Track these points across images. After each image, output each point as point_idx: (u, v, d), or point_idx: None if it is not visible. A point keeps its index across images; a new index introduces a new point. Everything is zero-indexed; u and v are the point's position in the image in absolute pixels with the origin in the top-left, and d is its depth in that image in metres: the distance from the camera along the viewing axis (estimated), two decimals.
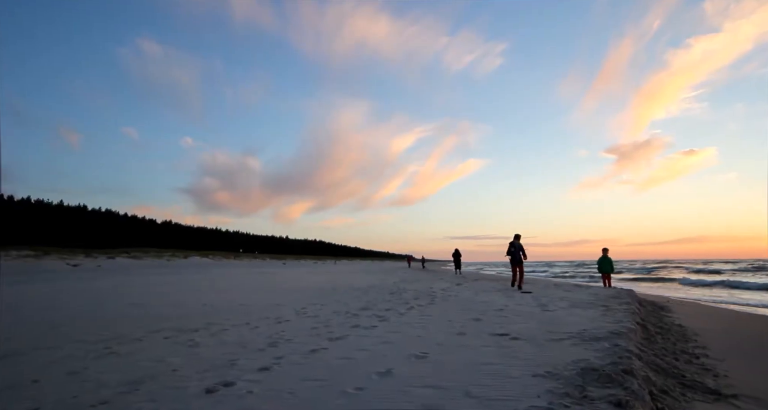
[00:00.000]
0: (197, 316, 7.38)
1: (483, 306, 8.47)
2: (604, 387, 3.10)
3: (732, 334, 7.47)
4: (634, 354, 4.18)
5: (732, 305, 13.62)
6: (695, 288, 22.32)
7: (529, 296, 10.59)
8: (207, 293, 12.25)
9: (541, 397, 2.90)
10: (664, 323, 8.07)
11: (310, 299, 10.23)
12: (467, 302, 9.44)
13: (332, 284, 16.42)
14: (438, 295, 11.16)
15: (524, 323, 6.27)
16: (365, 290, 13.07)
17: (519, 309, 7.93)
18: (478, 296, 10.73)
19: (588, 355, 4.10)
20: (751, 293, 18.08)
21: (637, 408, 2.69)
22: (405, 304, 8.98)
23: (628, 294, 11.12)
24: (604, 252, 15.28)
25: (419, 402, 2.88)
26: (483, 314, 7.31)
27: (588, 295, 10.93)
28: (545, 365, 3.77)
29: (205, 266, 40.27)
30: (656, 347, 5.49)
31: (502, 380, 3.36)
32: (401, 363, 3.98)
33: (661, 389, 3.57)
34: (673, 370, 4.39)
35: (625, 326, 5.79)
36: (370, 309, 8.24)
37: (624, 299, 9.45)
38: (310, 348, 4.69)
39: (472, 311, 7.76)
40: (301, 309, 8.27)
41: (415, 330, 5.77)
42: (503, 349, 4.51)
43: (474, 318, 6.87)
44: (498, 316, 7.03)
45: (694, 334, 7.04)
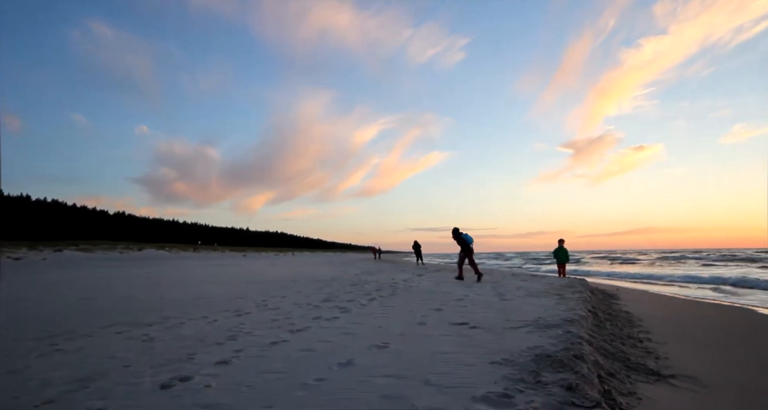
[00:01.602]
0: (152, 310, 7.14)
1: (444, 297, 8.63)
2: (557, 372, 3.24)
3: (672, 319, 7.97)
4: (585, 340, 4.38)
5: (677, 292, 14.50)
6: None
7: (488, 286, 10.88)
8: (163, 287, 11.86)
9: (498, 383, 2.99)
10: (612, 310, 8.49)
11: (271, 292, 10.10)
12: (428, 292, 9.59)
13: (294, 276, 16.27)
14: (400, 286, 11.29)
15: (483, 312, 6.45)
16: (327, 282, 13.03)
17: (478, 299, 8.13)
18: (439, 287, 10.93)
19: (542, 342, 4.26)
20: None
21: (585, 391, 2.82)
22: (367, 295, 9.03)
23: (580, 283, 11.62)
24: (560, 243, 15.86)
25: (379, 392, 2.91)
26: (443, 304, 7.45)
27: (544, 284, 11.34)
28: (502, 352, 3.90)
29: (162, 259, 38.94)
30: (605, 332, 5.77)
31: (461, 367, 3.45)
32: (362, 353, 4.01)
33: (608, 372, 3.76)
34: (620, 354, 4.64)
35: (577, 313, 6.06)
36: (331, 300, 8.23)
37: (577, 288, 9.86)
38: (271, 341, 4.64)
39: (433, 301, 7.90)
40: (262, 302, 8.16)
41: (376, 321, 5.82)
42: (462, 338, 4.62)
43: (435, 308, 6.99)
44: (458, 306, 7.18)
45: (639, 320, 7.45)
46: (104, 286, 12.15)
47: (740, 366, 4.84)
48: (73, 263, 26.95)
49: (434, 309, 6.81)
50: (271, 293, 9.86)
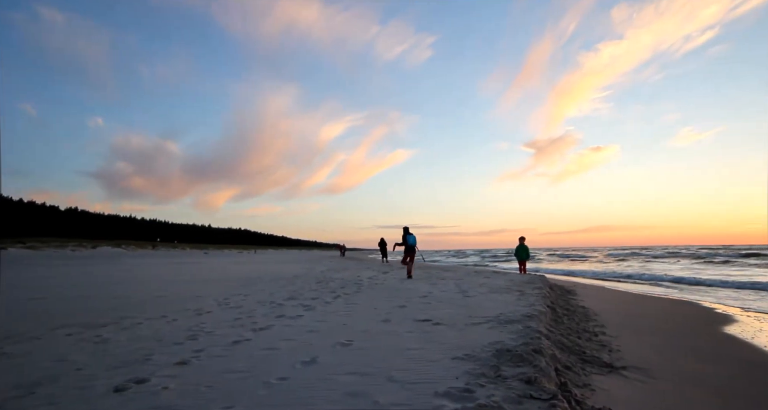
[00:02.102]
0: (107, 310, 6.86)
1: (408, 293, 8.71)
2: (516, 366, 3.33)
3: (625, 313, 8.34)
4: (543, 335, 4.52)
5: (629, 288, 15.19)
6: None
7: (451, 283, 11.05)
8: (119, 286, 11.41)
9: (459, 378, 3.05)
10: (570, 305, 8.80)
11: (234, 290, 9.90)
12: (393, 290, 9.65)
13: (257, 274, 16.00)
14: (365, 283, 11.30)
15: (446, 309, 6.54)
16: (291, 280, 12.89)
17: (442, 296, 8.25)
18: (403, 284, 11.01)
19: (503, 337, 4.37)
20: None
21: (543, 384, 2.92)
22: (332, 293, 8.99)
23: (540, 280, 11.97)
24: (521, 241, 16.28)
25: (343, 389, 2.91)
26: (408, 301, 7.52)
27: (505, 281, 11.63)
28: (464, 348, 3.98)
29: (117, 257, 37.41)
30: (563, 327, 5.98)
31: (424, 364, 3.49)
32: (326, 351, 4.00)
33: (565, 365, 3.90)
34: (576, 347, 4.82)
35: (536, 309, 6.24)
36: (296, 298, 8.15)
37: (537, 285, 10.17)
38: (233, 340, 4.55)
39: (397, 298, 7.95)
40: (224, 300, 7.99)
41: (341, 319, 5.80)
42: (426, 334, 4.68)
43: (399, 305, 7.04)
44: (422, 303, 7.26)
45: (595, 314, 7.76)
46: (55, 286, 11.56)
47: (685, 355, 5.13)
48: (20, 263, 25.49)
49: (398, 306, 6.86)
50: (233, 291, 9.66)
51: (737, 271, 24.02)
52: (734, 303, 10.73)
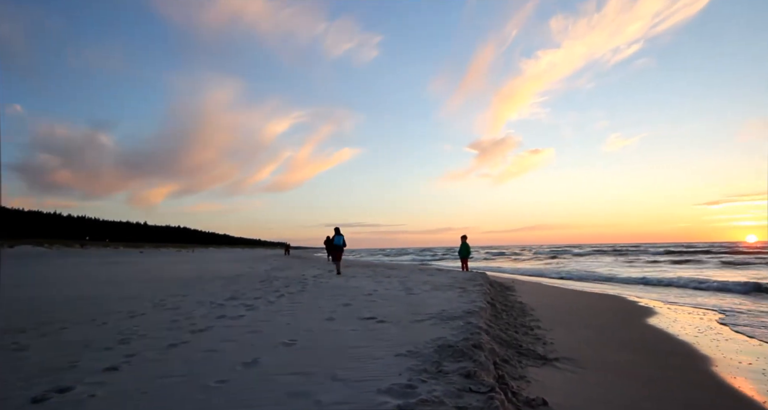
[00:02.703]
0: (26, 314, 6.33)
1: (353, 292, 8.71)
2: (457, 361, 3.43)
3: (559, 308, 8.82)
4: (483, 330, 4.68)
5: (563, 284, 16.06)
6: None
7: (396, 281, 11.17)
8: (40, 288, 10.55)
9: (402, 375, 3.09)
10: (509, 301, 9.17)
11: (171, 291, 9.45)
12: (338, 288, 9.61)
13: (197, 274, 15.38)
14: (310, 282, 11.18)
15: (390, 306, 6.61)
16: (233, 279, 12.51)
17: (387, 294, 8.32)
18: (349, 282, 11.00)
19: (445, 333, 4.48)
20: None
21: (482, 378, 3.02)
22: (275, 292, 8.82)
23: (481, 277, 12.39)
24: (463, 239, 16.76)
25: (284, 390, 2.86)
26: (353, 299, 7.52)
27: (448, 278, 11.92)
28: (408, 344, 4.03)
29: (40, 257, 34.56)
30: (501, 322, 6.22)
31: (368, 361, 3.50)
32: (269, 351, 3.91)
33: (503, 358, 4.06)
34: (513, 341, 5.04)
35: (477, 305, 6.45)
36: (237, 298, 7.91)
37: (478, 282, 10.50)
38: (169, 343, 4.34)
39: (342, 296, 7.93)
40: (160, 301, 7.60)
41: (284, 318, 5.70)
42: (370, 332, 4.71)
43: (344, 303, 7.03)
44: (367, 301, 7.29)
45: (532, 309, 8.14)
46: None
47: (611, 345, 5.51)
48: None
49: (343, 305, 6.85)
50: (170, 292, 9.22)
51: (657, 268, 26.03)
52: (655, 297, 11.65)
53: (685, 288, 13.65)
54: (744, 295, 11.41)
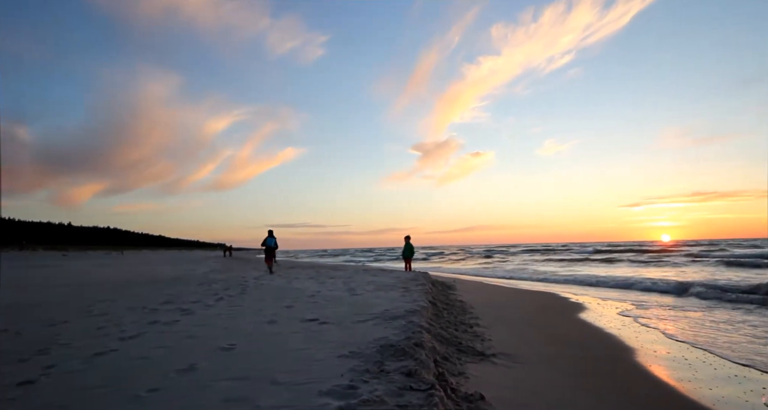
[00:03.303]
0: None
1: (296, 293, 8.58)
2: (399, 360, 3.47)
3: (497, 305, 9.18)
4: (425, 329, 4.77)
5: (501, 283, 16.71)
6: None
7: (340, 282, 11.13)
8: None
9: (344, 376, 3.09)
10: (450, 300, 9.41)
11: (98, 296, 8.84)
12: (280, 290, 9.43)
13: (128, 278, 14.50)
14: (250, 284, 10.87)
15: (334, 307, 6.58)
16: (168, 283, 11.91)
17: (330, 295, 8.27)
18: (291, 284, 10.82)
19: (387, 333, 4.52)
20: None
21: (423, 375, 3.08)
22: (214, 295, 8.50)
23: (423, 276, 12.62)
24: (407, 240, 16.99)
25: (222, 395, 2.77)
26: (295, 301, 7.41)
27: (392, 278, 12.03)
28: (350, 345, 4.03)
29: None
30: (443, 320, 6.37)
31: (310, 364, 3.47)
32: (206, 357, 3.77)
33: (443, 356, 4.16)
34: (454, 339, 5.17)
35: (419, 304, 6.56)
36: (173, 302, 7.54)
37: (420, 281, 10.68)
38: (94, 352, 4.06)
39: (284, 298, 7.79)
40: (86, 308, 7.09)
41: (223, 322, 5.51)
42: (312, 334, 4.66)
43: (286, 305, 6.91)
44: (309, 302, 7.21)
45: (471, 307, 8.41)
46: None
47: (545, 340, 5.81)
48: None
49: (285, 307, 6.72)
50: (98, 297, 8.63)
51: (587, 267, 27.74)
52: (585, 293, 12.42)
53: (612, 287, 14.65)
54: (662, 293, 12.42)
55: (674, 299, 10.67)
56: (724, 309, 8.85)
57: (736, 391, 3.91)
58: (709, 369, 4.63)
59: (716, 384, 4.12)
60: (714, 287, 11.31)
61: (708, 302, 9.91)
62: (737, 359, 4.99)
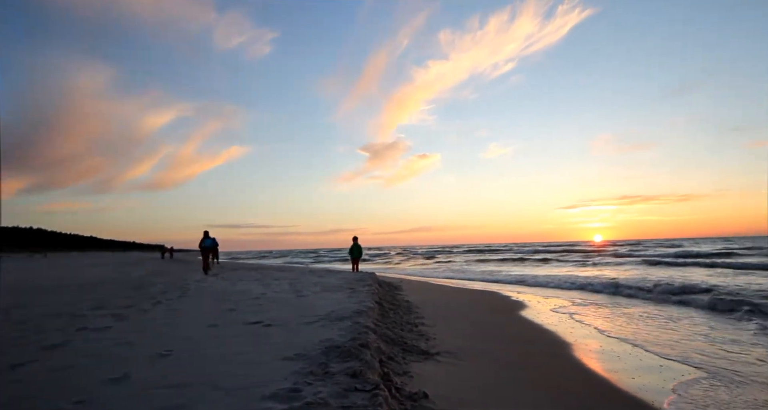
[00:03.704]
0: None
1: (239, 296, 8.34)
2: (344, 362, 3.47)
3: (441, 305, 9.39)
4: (371, 329, 4.80)
5: (446, 282, 17.10)
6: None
7: (285, 283, 10.94)
8: None
9: (288, 379, 3.04)
10: (396, 300, 9.51)
11: (16, 301, 8.15)
12: (222, 293, 9.13)
13: (54, 282, 13.48)
14: (191, 287, 10.44)
15: (279, 309, 6.46)
16: (99, 286, 11.19)
17: (275, 296, 8.12)
18: (235, 286, 10.50)
19: (333, 334, 4.50)
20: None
21: (367, 376, 3.10)
22: (151, 299, 8.08)
23: (370, 277, 12.67)
24: (355, 240, 16.99)
25: (158, 404, 2.64)
26: (238, 304, 7.20)
27: (338, 279, 11.99)
28: (295, 348, 3.98)
29: None
30: (388, 320, 6.43)
31: (253, 367, 3.39)
32: (141, 364, 3.58)
33: (389, 356, 4.21)
34: (399, 339, 5.24)
35: (366, 305, 6.59)
36: (104, 307, 7.10)
37: (367, 282, 10.72)
38: (11, 363, 3.74)
39: (227, 301, 7.55)
40: (2, 314, 6.51)
41: (160, 327, 5.26)
42: (256, 337, 4.55)
43: (228, 308, 6.70)
44: (254, 305, 7.03)
45: (417, 307, 8.55)
46: None
47: (487, 337, 6.02)
48: None
49: (228, 310, 6.52)
50: (15, 302, 7.95)
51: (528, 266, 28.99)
52: (525, 292, 12.99)
53: (550, 286, 15.40)
54: (595, 291, 13.22)
55: (605, 297, 11.40)
56: (648, 306, 9.59)
57: (656, 379, 4.26)
58: (635, 360, 5.01)
59: (639, 373, 4.47)
60: (638, 287, 12.19)
61: (634, 301, 10.69)
62: (659, 351, 5.44)
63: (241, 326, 5.21)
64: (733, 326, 7.16)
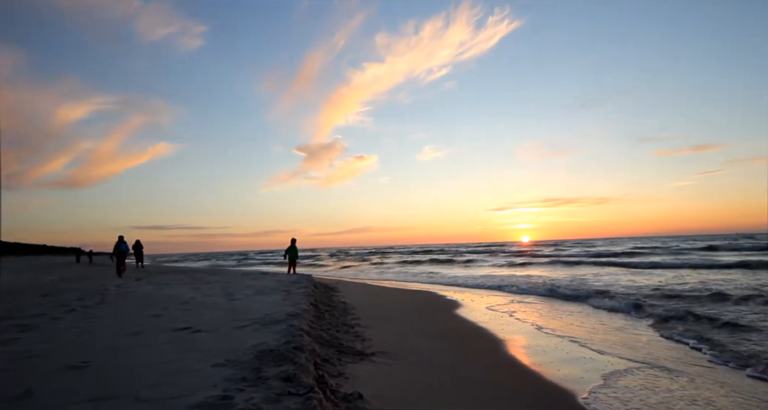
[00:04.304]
0: None
1: (166, 301, 7.90)
2: (278, 366, 3.40)
3: (378, 305, 9.47)
4: (305, 332, 4.75)
5: (383, 283, 17.25)
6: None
7: (217, 287, 10.53)
8: None
9: (218, 386, 2.93)
10: (332, 301, 9.47)
11: None
12: (147, 297, 8.60)
13: None
14: (111, 292, 9.74)
15: (209, 314, 6.21)
16: (2, 295, 10.12)
17: (205, 301, 7.78)
18: (161, 291, 9.94)
19: (267, 338, 4.40)
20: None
21: (302, 379, 3.07)
22: (64, 307, 7.43)
23: (307, 279, 12.51)
24: (292, 242, 16.69)
25: None
26: (165, 309, 6.82)
27: (273, 282, 11.73)
28: (226, 353, 3.84)
29: None
30: (324, 322, 6.39)
31: (180, 376, 3.23)
32: (50, 378, 3.28)
33: (324, 358, 4.18)
34: (335, 340, 5.22)
35: (301, 307, 6.50)
36: (9, 317, 6.42)
37: (303, 284, 10.58)
38: None
39: (152, 307, 7.12)
40: None
41: (75, 337, 4.86)
42: (184, 344, 4.34)
43: (154, 314, 6.33)
44: (182, 310, 6.70)
45: (353, 308, 8.56)
46: None
47: (422, 335, 6.16)
48: None
49: (153, 316, 6.16)
50: None
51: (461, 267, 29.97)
52: (460, 291, 13.43)
53: (481, 286, 16.02)
54: (523, 290, 13.94)
55: (533, 296, 12.08)
56: (569, 305, 10.29)
57: (578, 370, 4.59)
58: (561, 353, 5.37)
59: (564, 365, 4.80)
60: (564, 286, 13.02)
61: (559, 300, 11.42)
62: (582, 344, 5.86)
63: (168, 332, 4.94)
64: (629, 321, 7.90)
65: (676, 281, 14.21)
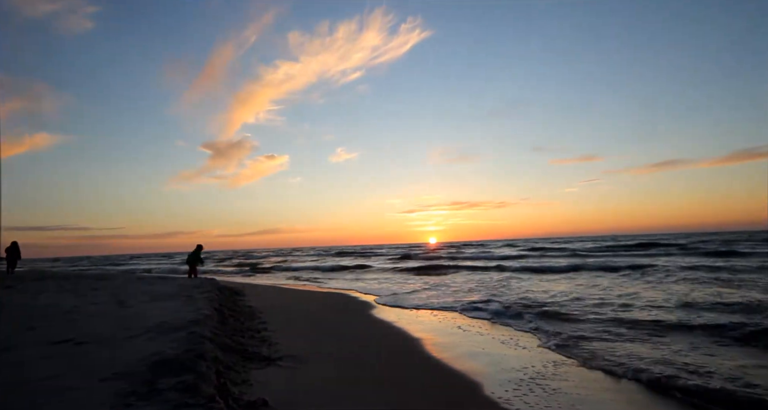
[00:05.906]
0: None
1: (43, 311, 7.05)
2: (176, 376, 3.21)
3: (287, 309, 9.31)
4: (208, 339, 4.53)
5: (292, 286, 16.94)
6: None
7: (106, 293, 9.62)
8: None
9: (105, 403, 2.71)
10: (237, 306, 9.11)
11: None
12: (20, 308, 7.60)
13: None
14: None
15: (96, 324, 5.66)
16: None
17: (92, 309, 7.08)
18: (36, 300, 8.83)
19: (164, 347, 4.13)
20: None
21: (202, 389, 2.94)
22: None
23: (210, 283, 11.88)
24: (199, 248, 15.76)
25: None
26: (42, 320, 6.09)
27: (173, 287, 10.98)
28: (116, 366, 3.54)
29: None
30: (228, 328, 6.14)
31: (61, 394, 2.92)
32: None
33: (227, 365, 4.03)
34: (239, 346, 5.05)
35: (203, 313, 6.17)
36: None
37: (206, 288, 10.04)
38: None
39: (26, 318, 6.31)
40: None
41: None
42: (66, 358, 3.92)
43: (28, 327, 5.62)
44: (63, 320, 6.03)
45: (260, 312, 8.32)
46: None
47: (332, 338, 6.17)
48: None
49: (27, 328, 5.47)
50: None
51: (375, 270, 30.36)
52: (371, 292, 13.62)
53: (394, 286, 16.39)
54: (429, 290, 14.50)
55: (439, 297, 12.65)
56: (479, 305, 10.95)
57: (479, 364, 4.94)
58: (464, 348, 5.71)
59: (467, 358, 5.14)
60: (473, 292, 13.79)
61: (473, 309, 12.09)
62: (484, 341, 6.29)
63: (45, 346, 4.43)
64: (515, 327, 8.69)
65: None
